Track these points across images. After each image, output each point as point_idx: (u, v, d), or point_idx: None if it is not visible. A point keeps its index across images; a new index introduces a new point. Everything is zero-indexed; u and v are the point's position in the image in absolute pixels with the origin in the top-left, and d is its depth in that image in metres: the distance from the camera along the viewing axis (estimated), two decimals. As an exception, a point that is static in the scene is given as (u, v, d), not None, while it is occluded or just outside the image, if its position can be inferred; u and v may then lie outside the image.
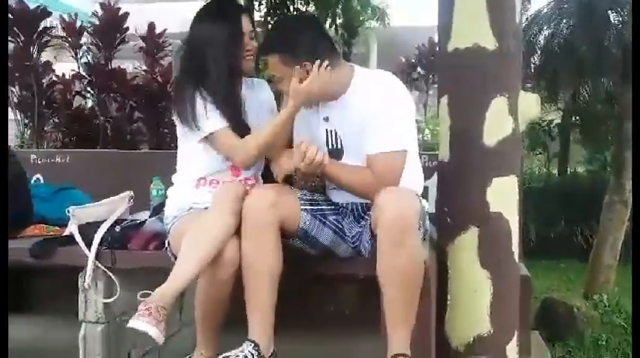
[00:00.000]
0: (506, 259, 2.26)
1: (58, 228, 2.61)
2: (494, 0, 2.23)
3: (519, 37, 2.35)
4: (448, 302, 2.27)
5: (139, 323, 1.81)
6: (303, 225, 2.12)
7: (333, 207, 2.21)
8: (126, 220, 2.51)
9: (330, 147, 2.19)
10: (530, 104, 2.42)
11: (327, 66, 2.09)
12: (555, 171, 9.02)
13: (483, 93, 2.24)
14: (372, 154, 2.09)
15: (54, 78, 4.72)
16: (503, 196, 2.27)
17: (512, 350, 2.26)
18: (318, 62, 2.08)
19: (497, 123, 2.25)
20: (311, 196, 2.18)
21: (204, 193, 2.25)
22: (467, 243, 2.24)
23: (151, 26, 4.87)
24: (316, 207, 2.16)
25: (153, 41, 4.85)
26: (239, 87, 2.31)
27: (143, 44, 4.88)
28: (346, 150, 2.18)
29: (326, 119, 2.19)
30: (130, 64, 5.32)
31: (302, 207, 2.12)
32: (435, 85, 7.94)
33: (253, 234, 1.99)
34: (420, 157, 2.45)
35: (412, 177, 2.16)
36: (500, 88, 2.25)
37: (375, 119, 2.07)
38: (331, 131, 2.19)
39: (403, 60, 9.72)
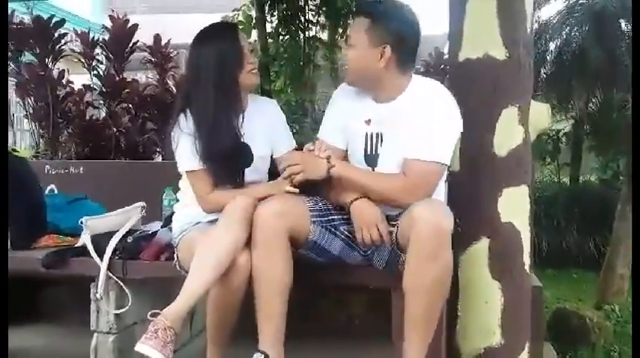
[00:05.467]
0: (518, 269, 2.25)
1: (71, 238, 2.63)
2: (505, 10, 2.24)
3: (530, 47, 2.35)
4: (459, 313, 2.26)
5: (145, 347, 1.81)
6: (313, 236, 2.08)
7: (345, 216, 2.14)
8: (138, 231, 2.52)
9: (367, 152, 2.14)
10: (540, 114, 2.42)
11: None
12: (566, 180, 8.96)
13: (494, 103, 2.24)
14: (412, 159, 2.02)
15: (68, 89, 4.76)
16: (514, 206, 2.26)
17: (523, 361, 2.25)
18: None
19: (508, 133, 2.25)
20: (322, 206, 2.14)
21: None
22: (478, 254, 2.24)
23: (157, 38, 4.90)
24: (327, 218, 2.13)
25: (159, 52, 4.88)
26: (232, 110, 2.20)
27: (150, 56, 4.91)
28: (382, 157, 2.12)
29: (367, 122, 2.13)
30: (142, 74, 5.37)
31: (312, 218, 2.09)
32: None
33: (263, 244, 1.98)
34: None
35: (440, 191, 2.14)
36: (511, 98, 2.25)
37: (427, 125, 2.01)
38: (372, 134, 2.13)
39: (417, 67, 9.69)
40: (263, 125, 2.31)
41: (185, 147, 2.19)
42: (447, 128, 2.05)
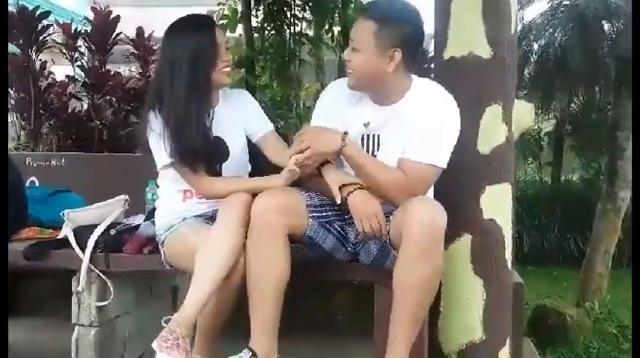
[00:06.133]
0: (499, 266, 2.28)
1: (52, 231, 2.60)
2: (489, 9, 2.26)
3: (514, 47, 2.37)
4: (441, 309, 2.28)
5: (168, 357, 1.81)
6: (309, 232, 2.05)
7: (339, 212, 2.11)
8: (121, 224, 2.51)
9: None
10: (524, 113, 2.45)
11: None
12: (548, 179, 9.07)
13: (478, 101, 2.26)
14: (412, 160, 1.99)
15: (50, 80, 4.72)
16: (497, 203, 2.28)
17: (504, 357, 2.27)
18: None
19: (492, 131, 2.27)
20: (317, 201, 2.11)
21: (193, 204, 2.22)
22: (460, 250, 2.26)
23: (140, 31, 4.86)
24: (323, 214, 2.09)
25: (142, 45, 4.84)
26: (203, 107, 2.15)
27: (133, 49, 4.87)
28: (378, 158, 2.08)
29: (366, 124, 2.09)
30: (126, 67, 5.33)
31: (309, 214, 2.06)
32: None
33: (260, 240, 1.94)
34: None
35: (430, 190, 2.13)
36: (494, 96, 2.28)
37: (430, 128, 1.99)
38: (369, 136, 2.09)
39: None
40: (236, 117, 2.27)
41: (159, 145, 2.15)
42: (448, 132, 2.03)
